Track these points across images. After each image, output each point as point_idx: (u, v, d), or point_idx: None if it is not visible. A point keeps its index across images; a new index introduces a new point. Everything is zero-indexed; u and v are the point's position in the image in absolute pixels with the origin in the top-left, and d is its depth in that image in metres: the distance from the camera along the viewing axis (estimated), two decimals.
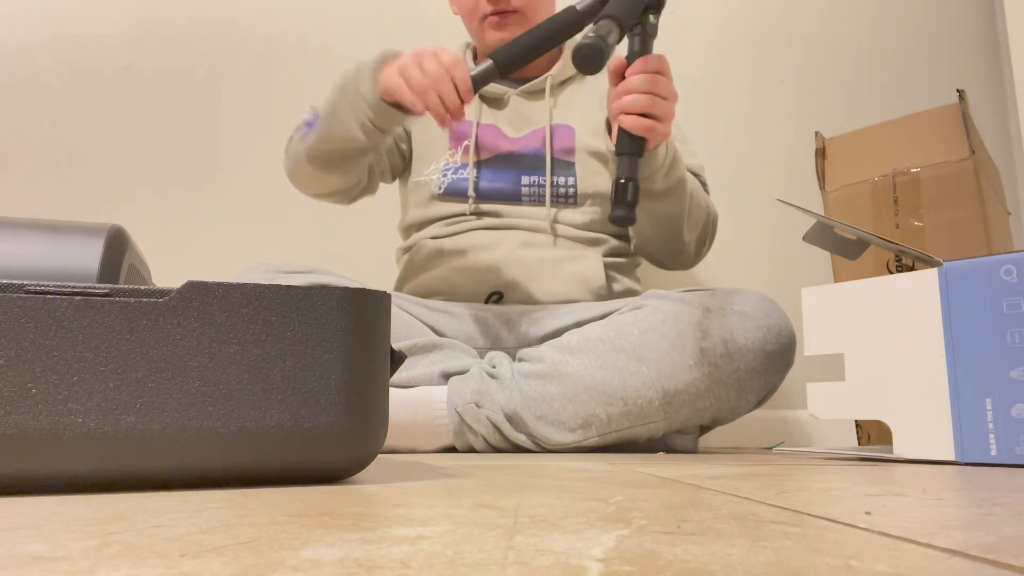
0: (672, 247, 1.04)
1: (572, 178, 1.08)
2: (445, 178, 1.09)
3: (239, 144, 1.48)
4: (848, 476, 0.51)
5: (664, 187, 0.93)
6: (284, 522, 0.27)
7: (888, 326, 0.72)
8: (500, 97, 1.14)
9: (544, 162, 1.08)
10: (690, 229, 1.01)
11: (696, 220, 1.02)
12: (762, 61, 1.53)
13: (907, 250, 0.75)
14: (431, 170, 1.11)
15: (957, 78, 1.48)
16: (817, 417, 0.76)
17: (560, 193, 1.08)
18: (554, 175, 1.08)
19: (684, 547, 0.22)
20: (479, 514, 0.29)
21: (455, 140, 1.12)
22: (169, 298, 0.40)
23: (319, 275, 0.98)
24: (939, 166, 1.01)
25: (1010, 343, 0.64)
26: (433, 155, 1.12)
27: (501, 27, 1.09)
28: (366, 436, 0.43)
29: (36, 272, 0.59)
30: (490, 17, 1.08)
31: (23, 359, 0.38)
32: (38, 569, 0.19)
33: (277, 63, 1.51)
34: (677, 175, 0.94)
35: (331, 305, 0.43)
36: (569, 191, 1.08)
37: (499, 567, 0.19)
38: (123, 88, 1.48)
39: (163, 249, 1.36)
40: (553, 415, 0.86)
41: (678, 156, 0.95)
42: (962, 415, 0.66)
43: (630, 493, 0.38)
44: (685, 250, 1.04)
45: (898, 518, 0.29)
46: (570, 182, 1.08)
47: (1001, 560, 0.20)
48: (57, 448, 0.37)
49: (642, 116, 0.81)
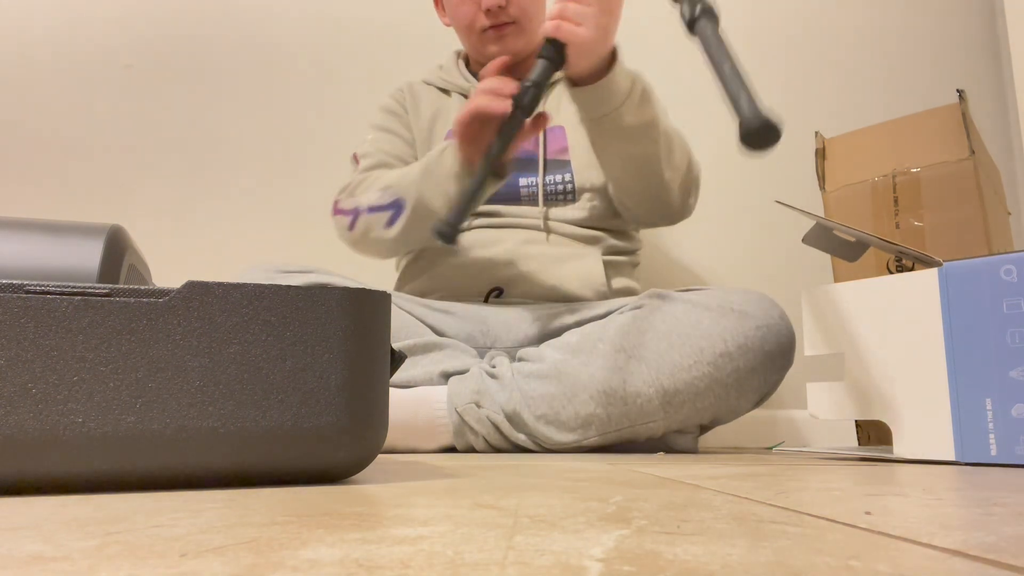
0: (652, 192, 1.01)
1: (568, 174, 1.08)
2: None
3: (239, 144, 1.48)
4: (848, 476, 0.51)
5: (634, 122, 0.92)
6: (284, 522, 0.27)
7: (888, 326, 0.72)
8: None
9: (537, 164, 1.09)
10: (671, 170, 0.99)
11: (678, 164, 1.00)
12: (761, 61, 1.53)
13: (907, 251, 0.75)
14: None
15: (957, 78, 1.48)
16: (817, 417, 0.76)
17: (558, 190, 1.08)
18: (549, 174, 1.08)
19: (684, 547, 0.22)
20: (479, 514, 0.29)
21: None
22: (169, 298, 0.40)
23: (319, 275, 0.98)
24: (939, 166, 1.01)
25: (1010, 343, 0.64)
26: None
27: (500, 39, 1.09)
28: (366, 436, 0.43)
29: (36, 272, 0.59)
30: (488, 31, 1.09)
31: (23, 359, 0.38)
32: (38, 569, 0.19)
33: (278, 63, 1.51)
34: (649, 113, 0.93)
35: (331, 305, 0.43)
36: (567, 187, 1.08)
37: (499, 567, 0.19)
38: (123, 88, 1.48)
39: (163, 249, 1.36)
40: (553, 415, 0.86)
41: (650, 95, 0.94)
42: (962, 415, 0.66)
43: (630, 493, 0.38)
44: (667, 195, 1.01)
45: (898, 518, 0.29)
46: (567, 178, 1.08)
47: (1001, 560, 0.20)
48: (57, 448, 0.37)
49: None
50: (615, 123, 0.91)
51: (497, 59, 0.92)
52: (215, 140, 1.48)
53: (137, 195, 1.45)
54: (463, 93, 1.16)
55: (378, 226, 1.02)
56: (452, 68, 1.19)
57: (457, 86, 1.17)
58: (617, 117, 0.91)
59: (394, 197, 1.00)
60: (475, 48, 1.13)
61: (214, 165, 1.47)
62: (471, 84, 1.15)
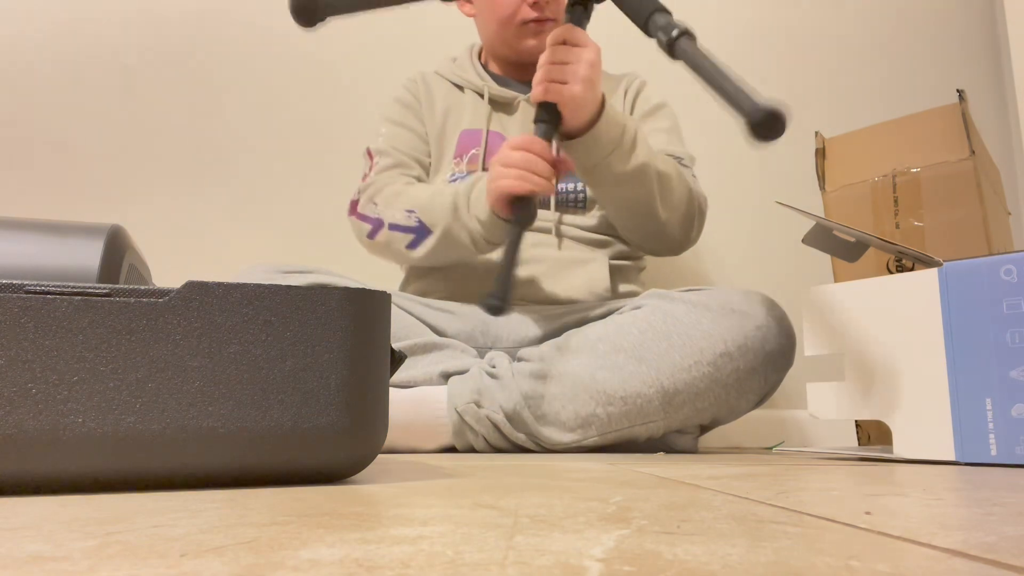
0: (649, 230, 1.03)
1: (580, 183, 1.09)
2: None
3: (239, 144, 1.48)
4: (848, 476, 0.51)
5: (625, 169, 0.94)
6: (284, 522, 0.27)
7: (888, 326, 0.72)
8: (510, 102, 1.14)
9: None
10: (668, 210, 1.00)
11: (676, 203, 1.01)
12: (761, 61, 1.53)
13: (907, 251, 0.75)
14: (439, 183, 1.12)
15: (957, 78, 1.48)
16: (817, 417, 0.76)
17: (569, 199, 1.09)
18: (562, 183, 1.09)
19: (684, 547, 0.22)
20: (479, 514, 0.29)
21: (460, 150, 1.12)
22: (169, 298, 0.40)
23: (319, 275, 0.98)
24: (939, 166, 1.01)
25: (1010, 343, 0.64)
26: (441, 167, 1.13)
27: (539, 33, 1.10)
28: (366, 436, 0.43)
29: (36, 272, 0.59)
30: (530, 25, 1.09)
31: (23, 359, 0.38)
32: (38, 569, 0.19)
33: (278, 63, 1.51)
34: (641, 158, 0.94)
35: (331, 305, 0.43)
36: (578, 196, 1.09)
37: (499, 567, 0.19)
38: (123, 88, 1.48)
39: (163, 249, 1.36)
40: (553, 415, 0.86)
41: (641, 142, 0.95)
42: (962, 415, 0.66)
43: (630, 493, 0.38)
44: (665, 232, 1.03)
45: (898, 518, 0.29)
46: (579, 187, 1.09)
47: (1001, 560, 0.20)
48: (57, 448, 0.37)
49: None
50: (607, 171, 0.94)
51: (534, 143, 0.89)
52: (215, 140, 1.48)
53: (137, 195, 1.45)
54: (477, 91, 1.16)
55: (400, 244, 1.04)
56: (467, 64, 1.19)
57: (471, 83, 1.17)
58: (607, 166, 0.93)
59: (419, 222, 1.01)
60: (510, 41, 1.13)
61: (214, 165, 1.47)
62: (485, 83, 1.15)
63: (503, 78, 1.18)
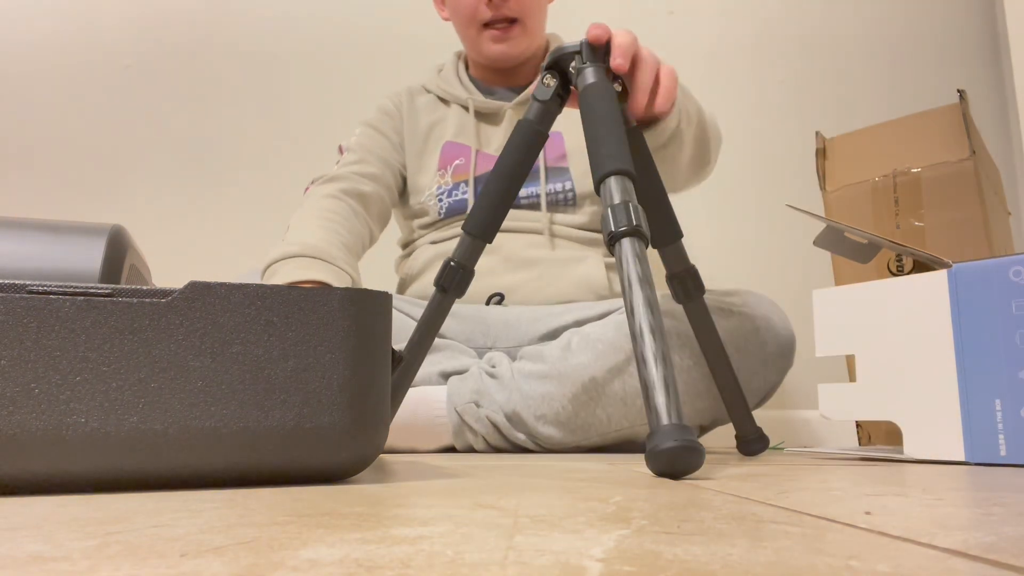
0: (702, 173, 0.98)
1: (569, 182, 1.09)
2: (442, 202, 1.10)
3: (240, 144, 1.48)
4: (848, 476, 0.52)
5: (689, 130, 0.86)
6: (284, 522, 0.27)
7: (898, 327, 0.72)
8: (496, 112, 1.14)
9: (538, 172, 1.08)
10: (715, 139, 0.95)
11: (714, 129, 0.96)
12: (762, 61, 1.53)
13: (917, 252, 0.75)
14: (426, 196, 1.11)
15: (957, 78, 1.48)
16: (828, 418, 0.76)
17: (559, 199, 1.08)
18: (550, 182, 1.08)
19: (684, 547, 0.22)
20: (479, 514, 0.29)
21: (443, 161, 1.12)
22: (171, 298, 0.40)
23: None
24: (939, 166, 1.01)
25: (1019, 344, 0.65)
26: (425, 182, 1.12)
27: (502, 40, 1.08)
28: (367, 436, 0.43)
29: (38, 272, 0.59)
30: (491, 31, 1.08)
31: (25, 359, 0.38)
32: (38, 569, 0.19)
33: (277, 63, 1.51)
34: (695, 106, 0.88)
35: (333, 306, 0.43)
36: (568, 195, 1.08)
37: (499, 567, 0.19)
38: (123, 88, 1.48)
39: (164, 249, 1.36)
40: (552, 415, 0.86)
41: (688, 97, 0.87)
42: (971, 416, 0.66)
43: (630, 493, 0.38)
44: (711, 163, 0.97)
45: (898, 518, 0.29)
46: (567, 186, 1.09)
47: (1001, 560, 0.20)
48: (59, 448, 0.37)
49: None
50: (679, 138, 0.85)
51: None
52: (216, 140, 1.48)
53: (137, 195, 1.45)
54: (462, 104, 1.15)
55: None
56: (451, 75, 1.18)
57: (456, 97, 1.16)
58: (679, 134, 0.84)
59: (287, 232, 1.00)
60: (476, 46, 1.12)
61: (215, 165, 1.47)
62: (471, 95, 1.14)
63: (488, 87, 1.17)
